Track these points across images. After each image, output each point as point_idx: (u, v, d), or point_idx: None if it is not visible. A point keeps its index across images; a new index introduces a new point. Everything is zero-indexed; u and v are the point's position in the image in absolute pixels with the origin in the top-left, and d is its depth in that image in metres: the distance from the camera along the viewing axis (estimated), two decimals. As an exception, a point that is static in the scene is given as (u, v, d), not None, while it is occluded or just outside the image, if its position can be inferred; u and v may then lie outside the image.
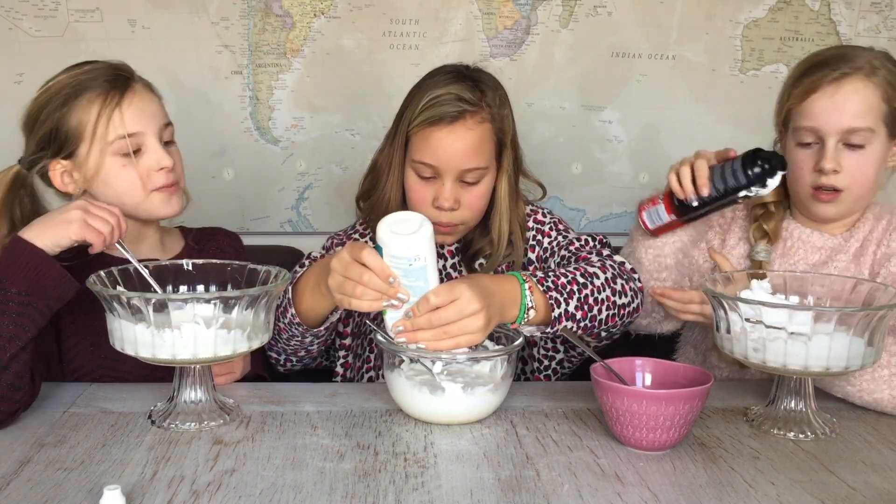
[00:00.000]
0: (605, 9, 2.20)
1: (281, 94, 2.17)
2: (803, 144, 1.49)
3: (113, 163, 1.42)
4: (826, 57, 1.49)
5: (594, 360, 1.28)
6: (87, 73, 1.44)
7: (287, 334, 1.46)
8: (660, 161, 2.27)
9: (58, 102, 1.42)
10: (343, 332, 1.57)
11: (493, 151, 1.54)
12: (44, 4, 2.07)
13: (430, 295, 1.25)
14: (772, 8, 2.22)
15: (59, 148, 1.43)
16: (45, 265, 1.27)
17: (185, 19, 2.11)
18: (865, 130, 1.44)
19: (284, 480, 1.09)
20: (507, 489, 1.08)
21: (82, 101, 1.41)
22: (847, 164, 1.46)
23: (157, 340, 1.21)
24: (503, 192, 1.56)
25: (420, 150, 1.50)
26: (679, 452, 1.20)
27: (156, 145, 1.44)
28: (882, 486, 1.11)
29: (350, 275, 1.24)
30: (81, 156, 1.42)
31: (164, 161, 1.44)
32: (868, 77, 1.45)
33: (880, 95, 1.45)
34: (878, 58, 1.48)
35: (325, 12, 2.14)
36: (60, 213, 1.32)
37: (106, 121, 1.41)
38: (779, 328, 1.22)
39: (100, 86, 1.42)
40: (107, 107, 1.41)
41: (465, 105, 1.48)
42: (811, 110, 1.46)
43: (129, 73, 1.46)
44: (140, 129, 1.43)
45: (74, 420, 1.28)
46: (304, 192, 2.24)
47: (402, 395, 1.29)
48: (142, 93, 1.45)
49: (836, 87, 1.44)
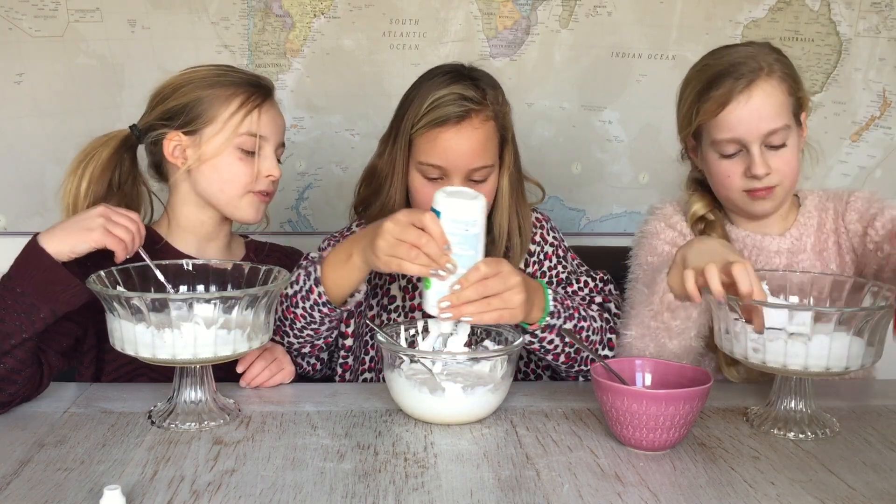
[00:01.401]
0: (605, 9, 2.20)
1: (281, 94, 2.16)
2: (727, 155, 1.49)
3: (232, 153, 1.51)
4: (723, 66, 1.47)
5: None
6: (237, 72, 1.56)
7: (302, 322, 1.45)
8: (660, 161, 2.28)
9: (205, 84, 1.51)
10: (345, 332, 1.57)
11: (497, 148, 1.55)
12: (44, 4, 2.07)
13: (480, 264, 1.28)
14: (772, 8, 2.22)
15: (187, 122, 1.51)
16: (52, 271, 1.28)
17: (185, 19, 2.11)
18: (783, 129, 1.46)
19: (284, 480, 1.09)
20: (507, 489, 1.08)
21: (227, 91, 1.51)
22: (775, 164, 1.47)
23: (157, 340, 1.21)
24: (505, 188, 1.57)
25: (426, 151, 1.50)
26: (679, 452, 1.20)
27: (272, 155, 1.54)
28: (882, 486, 1.11)
29: (406, 237, 1.26)
30: (206, 136, 1.50)
31: (275, 171, 1.54)
32: (770, 76, 1.45)
33: (786, 90, 1.47)
34: (766, 53, 1.48)
35: (325, 12, 2.14)
36: (82, 219, 1.34)
37: (243, 115, 1.50)
38: (779, 328, 1.22)
39: (246, 85, 1.53)
40: (249, 103, 1.51)
41: (470, 104, 1.48)
42: (727, 122, 1.45)
43: (271, 86, 1.58)
44: (267, 134, 1.53)
45: (74, 420, 1.28)
46: (304, 192, 2.24)
47: (402, 395, 1.29)
48: (276, 107, 1.57)
49: (747, 95, 1.44)
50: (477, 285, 1.27)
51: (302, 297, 1.43)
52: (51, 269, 1.28)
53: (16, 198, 2.13)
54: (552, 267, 1.63)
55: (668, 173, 2.27)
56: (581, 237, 2.27)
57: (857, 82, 2.28)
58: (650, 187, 2.30)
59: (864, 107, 2.29)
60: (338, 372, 1.60)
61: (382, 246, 1.28)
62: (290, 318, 1.45)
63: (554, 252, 1.65)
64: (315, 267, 1.41)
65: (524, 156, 1.63)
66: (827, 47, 2.24)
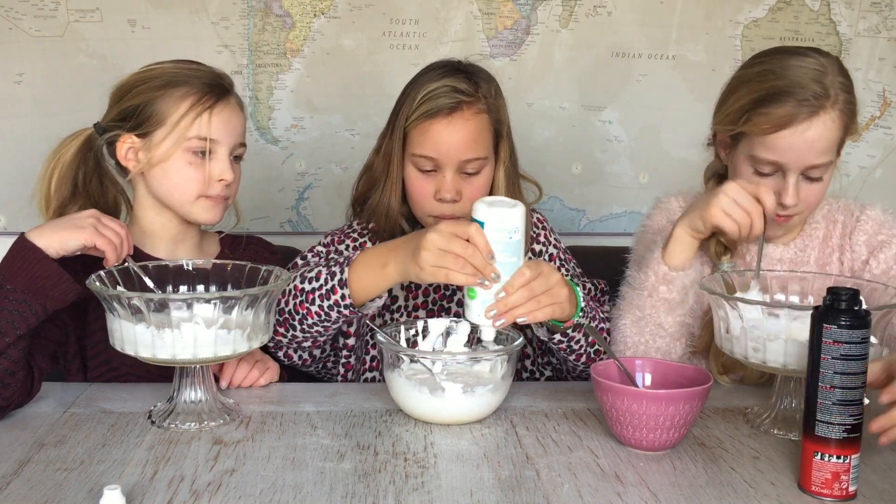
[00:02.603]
0: (605, 9, 2.20)
1: (281, 94, 2.17)
2: (760, 173, 1.43)
3: (181, 157, 1.46)
4: (789, 82, 1.38)
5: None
6: (193, 70, 1.50)
7: (314, 319, 1.44)
8: (660, 161, 2.28)
9: (156, 84, 1.47)
10: (347, 332, 1.57)
11: (491, 142, 1.55)
12: (44, 4, 2.07)
13: (523, 269, 1.28)
14: (772, 8, 2.22)
15: (138, 125, 1.47)
16: (43, 265, 1.28)
17: (185, 19, 2.11)
18: (827, 164, 1.41)
19: (284, 480, 1.09)
20: (507, 489, 1.08)
21: (178, 92, 1.46)
22: (805, 195, 1.42)
23: (157, 340, 1.21)
24: (501, 182, 1.57)
25: (419, 143, 1.51)
26: (679, 452, 1.20)
27: (225, 157, 1.49)
28: (882, 486, 1.11)
29: (452, 248, 1.26)
30: (156, 139, 1.46)
31: (227, 175, 1.48)
32: (833, 108, 1.38)
33: (842, 126, 1.40)
34: (834, 73, 1.40)
35: (325, 12, 2.14)
36: (72, 218, 1.34)
37: (193, 118, 1.45)
38: (778, 328, 1.22)
39: (199, 85, 1.47)
40: (199, 105, 1.46)
41: (462, 96, 1.49)
42: (776, 146, 1.38)
43: (229, 85, 1.52)
44: (219, 137, 1.47)
45: (74, 420, 1.28)
46: (304, 192, 2.24)
47: (402, 395, 1.29)
48: (233, 107, 1.51)
49: (806, 125, 1.36)
50: (523, 290, 1.28)
51: (321, 296, 1.42)
52: (40, 263, 1.27)
53: (15, 198, 2.13)
54: (556, 269, 1.63)
55: (668, 173, 2.28)
56: (581, 237, 2.27)
57: (857, 82, 2.23)
58: (650, 187, 2.30)
59: (865, 107, 2.29)
60: (340, 371, 1.60)
61: (427, 257, 1.28)
62: (302, 313, 1.44)
63: (557, 254, 1.65)
64: (342, 269, 1.41)
65: (524, 156, 1.63)
66: (827, 47, 2.24)
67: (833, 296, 1.07)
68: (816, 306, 1.09)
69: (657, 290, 1.43)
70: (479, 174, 1.53)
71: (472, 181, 1.53)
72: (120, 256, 1.34)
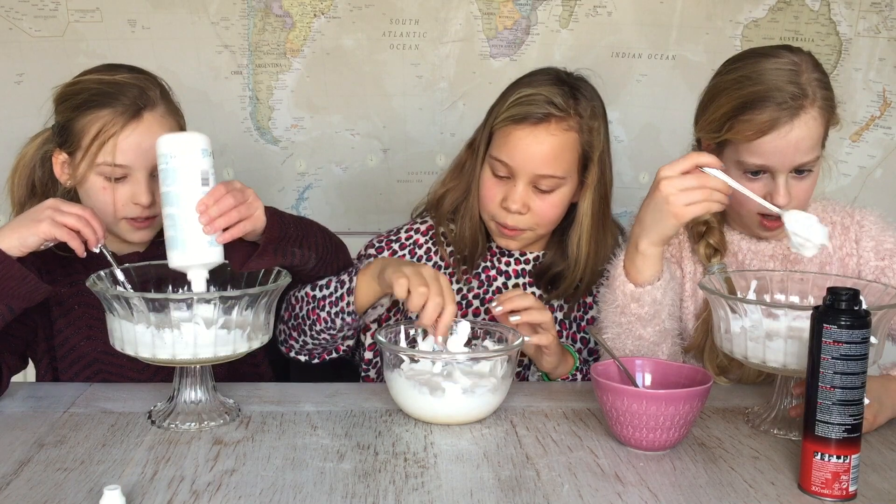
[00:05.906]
0: (605, 9, 2.20)
1: (281, 94, 2.17)
2: (749, 176, 1.42)
3: (95, 180, 1.42)
4: (765, 88, 1.38)
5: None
6: (111, 85, 1.42)
7: (322, 326, 1.45)
8: (660, 161, 2.27)
9: (73, 103, 1.43)
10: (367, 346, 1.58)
11: (576, 164, 1.49)
12: (44, 4, 2.07)
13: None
14: (772, 8, 2.22)
15: (63, 142, 1.44)
16: (4, 266, 1.26)
17: (185, 19, 2.11)
18: (814, 160, 1.41)
19: (284, 480, 1.09)
20: (507, 489, 1.08)
21: (90, 115, 1.41)
22: (795, 192, 1.42)
23: (157, 340, 1.21)
24: (586, 209, 1.51)
25: (499, 146, 1.48)
26: (679, 452, 1.20)
27: (141, 180, 1.42)
28: (882, 486, 1.11)
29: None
30: (76, 160, 1.43)
31: (141, 199, 1.42)
32: (812, 105, 1.38)
33: (824, 122, 1.41)
34: (809, 70, 1.40)
35: (325, 12, 2.14)
36: (30, 213, 1.32)
37: (100, 144, 1.40)
38: (778, 328, 1.22)
39: (112, 107, 1.40)
40: (105, 132, 1.39)
41: (553, 109, 1.45)
42: (762, 150, 1.38)
43: (145, 103, 1.42)
44: (128, 163, 1.41)
45: (74, 420, 1.28)
46: (304, 192, 2.24)
47: (402, 395, 1.29)
48: (149, 125, 1.41)
49: (788, 128, 1.37)
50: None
51: (330, 303, 1.42)
52: (2, 264, 1.26)
53: (16, 198, 2.13)
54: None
55: (668, 173, 2.27)
56: (581, 237, 2.27)
57: (857, 82, 2.27)
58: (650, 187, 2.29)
59: (864, 107, 2.29)
60: (368, 358, 1.60)
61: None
62: (313, 319, 1.44)
63: None
64: (351, 277, 1.41)
65: None
66: (827, 47, 2.24)
67: (833, 296, 1.07)
68: (816, 306, 1.09)
69: (628, 307, 1.40)
70: (552, 192, 1.48)
71: (543, 198, 1.48)
72: (91, 244, 1.30)
